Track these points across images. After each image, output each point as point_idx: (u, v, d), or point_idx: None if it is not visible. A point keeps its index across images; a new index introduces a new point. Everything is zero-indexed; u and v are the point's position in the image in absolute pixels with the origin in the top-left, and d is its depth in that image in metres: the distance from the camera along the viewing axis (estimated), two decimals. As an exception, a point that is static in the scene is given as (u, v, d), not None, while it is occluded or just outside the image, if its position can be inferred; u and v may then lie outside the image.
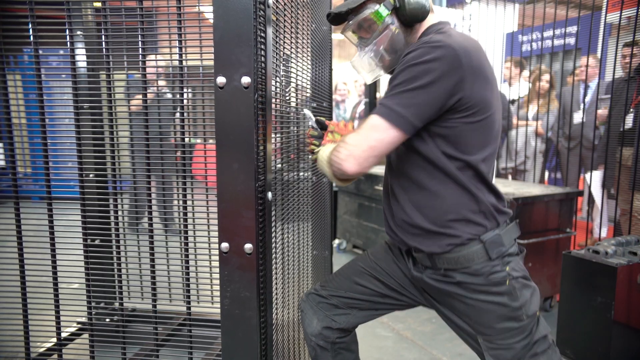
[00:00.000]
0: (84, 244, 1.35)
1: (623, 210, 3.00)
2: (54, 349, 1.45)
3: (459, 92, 1.00)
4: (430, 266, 1.16)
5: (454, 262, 1.10)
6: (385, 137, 1.01)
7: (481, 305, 1.10)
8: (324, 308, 1.30)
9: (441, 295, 1.17)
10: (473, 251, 1.09)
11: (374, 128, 1.01)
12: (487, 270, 1.09)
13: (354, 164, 1.02)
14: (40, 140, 1.28)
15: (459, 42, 1.01)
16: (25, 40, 1.22)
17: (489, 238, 1.09)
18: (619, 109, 2.79)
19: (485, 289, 1.09)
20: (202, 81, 1.40)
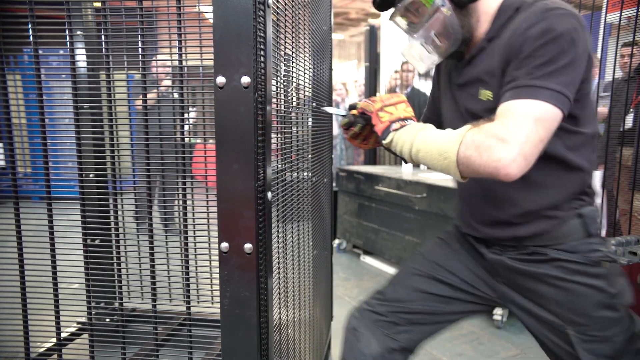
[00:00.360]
0: (84, 244, 1.34)
1: (623, 210, 3.00)
2: (54, 349, 1.45)
3: (590, 61, 0.93)
4: (513, 245, 1.04)
5: (547, 238, 0.99)
6: (553, 124, 0.87)
7: (576, 288, 0.98)
8: (383, 326, 1.15)
9: (525, 279, 1.03)
10: (571, 225, 0.99)
11: (542, 118, 0.85)
12: (585, 247, 0.98)
13: (524, 166, 0.84)
14: (40, 140, 1.28)
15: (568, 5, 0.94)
16: (25, 40, 1.22)
17: (588, 212, 0.99)
18: (619, 109, 2.79)
19: (583, 268, 0.98)
20: (202, 81, 1.40)
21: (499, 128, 0.84)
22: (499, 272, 1.09)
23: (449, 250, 1.18)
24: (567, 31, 0.87)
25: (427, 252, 1.22)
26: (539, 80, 0.87)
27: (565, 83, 0.87)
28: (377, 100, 1.05)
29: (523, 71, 0.89)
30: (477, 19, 1.04)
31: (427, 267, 1.18)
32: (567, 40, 0.87)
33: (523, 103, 0.86)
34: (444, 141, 0.90)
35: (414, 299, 1.15)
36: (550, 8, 0.91)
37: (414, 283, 1.17)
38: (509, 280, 1.07)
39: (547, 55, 0.88)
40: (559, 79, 0.87)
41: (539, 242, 1.00)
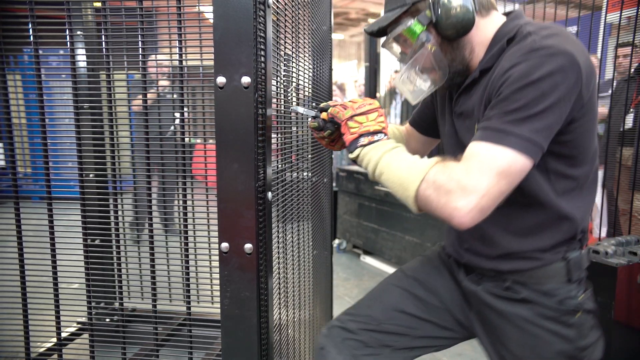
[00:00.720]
0: (84, 244, 1.35)
1: (623, 210, 3.00)
2: (54, 349, 1.45)
3: (581, 99, 0.86)
4: (492, 276, 1.01)
5: (527, 276, 0.96)
6: (519, 177, 0.83)
7: (542, 335, 0.95)
8: (352, 346, 1.09)
9: (494, 316, 1.01)
10: (553, 268, 0.95)
11: (506, 170, 0.81)
12: (562, 293, 0.95)
13: (478, 218, 0.81)
14: (40, 140, 1.28)
15: (567, 39, 0.87)
16: (25, 40, 1.22)
17: (574, 257, 0.96)
18: (619, 109, 2.79)
19: (553, 315, 0.95)
20: (202, 81, 1.40)
21: (462, 173, 0.82)
22: (471, 302, 1.07)
23: (432, 269, 1.15)
24: (549, 74, 0.82)
25: (409, 268, 1.19)
26: (509, 125, 0.82)
27: (537, 129, 0.82)
28: (348, 107, 1.00)
29: (496, 112, 0.85)
30: (472, 50, 0.99)
31: (407, 283, 1.14)
32: (548, 83, 0.82)
33: (490, 149, 0.82)
34: (407, 173, 0.88)
35: (388, 318, 1.10)
36: (536, 48, 0.85)
37: (391, 299, 1.12)
38: (480, 312, 1.05)
39: (522, 100, 0.83)
40: (532, 125, 0.82)
41: (518, 278, 0.98)
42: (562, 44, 0.84)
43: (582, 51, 0.86)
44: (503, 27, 0.97)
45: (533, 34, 0.89)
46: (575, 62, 0.83)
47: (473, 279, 1.05)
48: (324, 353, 1.11)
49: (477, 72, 0.98)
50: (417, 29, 0.96)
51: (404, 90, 1.05)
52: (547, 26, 0.92)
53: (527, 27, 0.93)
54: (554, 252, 0.97)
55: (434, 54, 0.97)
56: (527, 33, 0.91)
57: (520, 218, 0.96)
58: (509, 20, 0.98)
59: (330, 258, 2.21)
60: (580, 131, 0.90)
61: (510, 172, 0.82)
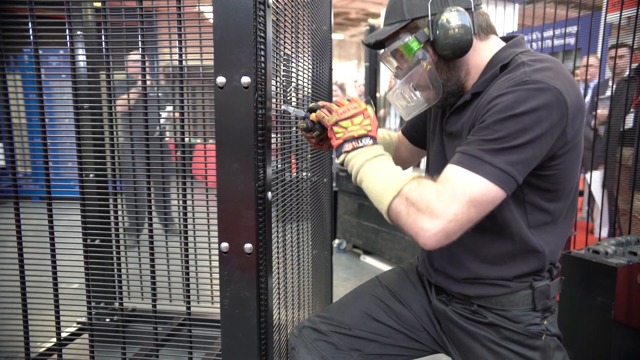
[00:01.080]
0: (84, 244, 1.35)
1: (623, 210, 3.00)
2: (54, 349, 1.45)
3: (564, 137, 0.86)
4: (460, 299, 1.04)
5: (494, 301, 0.99)
6: (490, 207, 0.84)
7: (509, 356, 0.97)
8: (321, 347, 1.10)
9: (463, 335, 1.03)
10: (520, 295, 0.98)
11: (477, 199, 0.81)
12: (527, 319, 0.98)
13: (443, 242, 0.83)
14: (40, 140, 1.28)
15: (559, 74, 0.86)
16: (25, 40, 1.22)
17: (540, 286, 0.98)
18: (619, 109, 2.79)
19: (519, 338, 0.97)
20: (202, 81, 1.40)
21: (434, 195, 0.82)
22: (441, 320, 1.09)
23: (407, 282, 1.16)
24: (533, 109, 0.82)
25: (385, 278, 1.19)
26: (486, 153, 0.83)
27: (513, 162, 0.82)
28: (334, 111, 1.00)
29: (476, 138, 0.85)
30: (467, 72, 0.99)
31: (381, 293, 1.15)
32: (531, 118, 0.81)
33: (464, 175, 0.83)
34: (384, 185, 0.89)
35: (360, 324, 1.11)
36: (525, 80, 0.84)
37: (364, 307, 1.13)
38: (449, 330, 1.07)
39: (502, 131, 0.82)
40: (508, 157, 0.82)
41: (484, 303, 1.00)
42: (553, 79, 0.84)
43: (573, 88, 0.86)
44: (500, 53, 0.97)
45: (526, 64, 0.89)
46: (563, 100, 0.83)
47: (442, 299, 1.08)
48: (294, 353, 1.12)
49: (469, 95, 0.98)
50: (414, 45, 0.96)
51: (397, 105, 1.05)
52: (543, 59, 0.92)
53: (523, 57, 0.93)
54: (519, 281, 0.98)
55: (429, 73, 0.97)
56: (520, 63, 0.91)
57: (489, 245, 0.98)
58: (507, 47, 0.98)
59: (330, 258, 2.21)
60: (561, 167, 0.91)
61: (481, 201, 0.82)
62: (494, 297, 0.99)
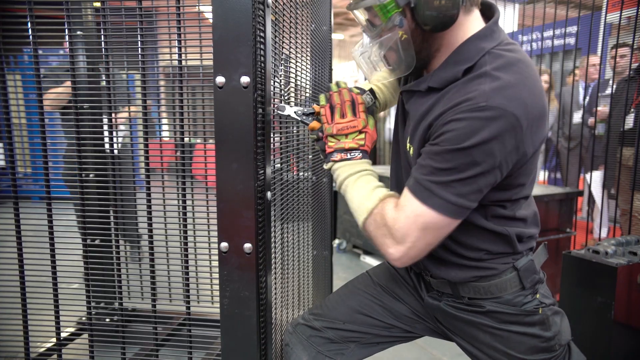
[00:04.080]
0: (84, 244, 1.35)
1: (623, 210, 3.00)
2: (54, 349, 1.45)
3: (524, 157, 0.85)
4: (450, 294, 1.03)
5: (483, 291, 0.99)
6: (445, 231, 0.87)
7: (511, 337, 0.98)
8: (316, 343, 1.11)
9: (462, 325, 1.03)
10: (506, 279, 0.98)
11: (430, 227, 0.85)
12: (519, 300, 0.98)
13: (410, 261, 0.89)
14: (40, 140, 1.28)
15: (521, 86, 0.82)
16: (25, 40, 1.22)
17: (524, 265, 0.98)
18: (619, 109, 2.79)
19: (517, 319, 0.98)
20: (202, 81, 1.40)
21: (393, 222, 0.87)
22: (437, 316, 1.09)
23: (398, 277, 1.15)
24: (486, 140, 0.78)
25: (376, 274, 1.19)
26: (437, 186, 0.82)
27: (464, 194, 0.82)
28: (332, 124, 0.99)
29: (429, 163, 0.84)
30: (438, 49, 0.91)
31: (373, 290, 1.15)
32: (483, 151, 0.78)
33: (416, 206, 0.85)
34: (358, 204, 0.94)
35: (353, 320, 1.12)
36: (481, 107, 0.78)
37: (356, 304, 1.13)
38: (448, 323, 1.07)
39: (453, 162, 0.80)
40: (459, 189, 0.82)
41: (474, 295, 1.00)
42: (512, 100, 0.79)
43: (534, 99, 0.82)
44: (469, 45, 0.88)
45: (488, 76, 0.83)
46: (518, 126, 0.79)
47: (433, 296, 1.07)
48: (288, 350, 1.14)
49: (425, 85, 0.92)
50: (391, 8, 0.86)
51: (361, 65, 0.99)
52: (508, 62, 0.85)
53: (488, 61, 0.85)
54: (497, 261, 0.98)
55: (403, 43, 0.89)
56: (483, 73, 0.84)
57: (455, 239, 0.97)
58: (478, 39, 0.88)
59: (330, 258, 2.21)
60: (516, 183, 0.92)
61: (434, 228, 0.86)
62: (480, 286, 0.98)
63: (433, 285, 1.07)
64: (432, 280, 1.06)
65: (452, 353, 2.24)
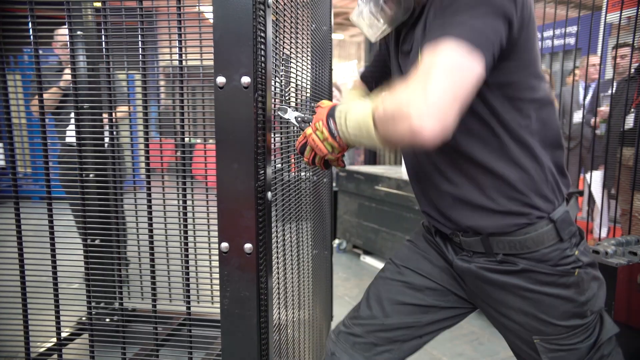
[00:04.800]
0: (84, 244, 1.35)
1: (623, 210, 3.00)
2: (54, 349, 1.45)
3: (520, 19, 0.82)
4: (483, 252, 0.97)
5: (519, 245, 0.93)
6: (469, 77, 0.73)
7: (544, 300, 0.94)
8: (362, 349, 1.09)
9: (492, 288, 0.99)
10: (543, 232, 0.92)
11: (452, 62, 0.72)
12: (556, 255, 0.92)
13: (438, 127, 0.69)
14: (40, 140, 1.28)
15: None
16: (25, 40, 1.22)
17: (560, 216, 0.92)
18: (619, 109, 2.79)
19: (552, 279, 0.93)
20: (202, 81, 1.40)
21: (407, 90, 0.73)
22: (465, 279, 1.04)
23: (419, 252, 1.12)
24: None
25: (398, 257, 1.16)
26: (448, 28, 0.75)
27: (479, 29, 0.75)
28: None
29: (434, 25, 0.80)
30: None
31: (399, 275, 1.12)
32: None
33: (431, 55, 0.74)
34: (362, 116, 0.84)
35: (390, 314, 1.09)
36: None
37: (388, 295, 1.11)
38: (477, 287, 1.03)
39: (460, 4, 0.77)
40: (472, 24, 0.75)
41: (509, 250, 0.94)
42: None
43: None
44: None
45: None
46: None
47: (464, 257, 1.02)
48: (335, 359, 1.12)
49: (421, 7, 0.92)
50: None
51: (362, 26, 0.98)
52: None
53: None
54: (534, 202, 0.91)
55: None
56: None
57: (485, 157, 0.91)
58: None
59: (330, 258, 2.21)
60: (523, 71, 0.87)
61: (457, 66, 0.72)
62: (516, 240, 0.93)
63: (464, 246, 1.00)
64: (463, 239, 0.99)
65: (452, 353, 2.24)
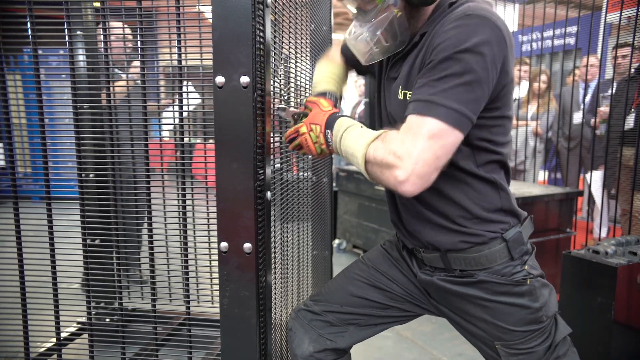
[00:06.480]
0: (84, 244, 1.35)
1: (623, 210, 3.00)
2: (54, 349, 1.45)
3: (504, 76, 0.90)
4: (442, 268, 1.06)
5: (473, 262, 1.01)
6: (450, 143, 0.84)
7: (501, 308, 1.01)
8: (317, 326, 1.16)
9: (454, 299, 1.06)
10: (495, 250, 1.00)
11: (437, 135, 0.82)
12: (508, 270, 1.00)
13: (419, 184, 0.83)
14: (40, 141, 1.28)
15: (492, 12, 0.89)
16: (25, 40, 1.22)
17: (512, 236, 1.00)
18: (619, 109, 2.79)
19: (507, 289, 1.00)
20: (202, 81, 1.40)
21: (397, 145, 0.84)
22: (430, 291, 1.12)
23: (391, 258, 1.19)
24: (477, 44, 0.83)
25: (369, 258, 1.23)
26: (437, 96, 0.84)
27: (464, 101, 0.84)
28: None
29: (426, 81, 0.87)
30: (423, 18, 0.99)
31: (368, 274, 1.19)
32: (475, 55, 0.83)
33: (419, 120, 0.84)
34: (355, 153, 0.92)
35: (351, 304, 1.16)
36: (467, 15, 0.87)
37: (353, 288, 1.18)
38: (441, 298, 1.10)
39: (450, 69, 0.84)
40: (459, 96, 0.83)
41: (465, 267, 1.02)
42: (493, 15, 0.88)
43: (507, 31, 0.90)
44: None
45: (471, 1, 0.92)
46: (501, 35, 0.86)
47: (426, 272, 1.09)
48: (291, 334, 1.19)
49: (418, 36, 0.98)
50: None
51: (356, 50, 1.04)
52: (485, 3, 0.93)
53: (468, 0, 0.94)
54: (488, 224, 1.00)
55: (399, 19, 0.95)
56: (465, 1, 0.93)
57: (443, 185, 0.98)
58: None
59: (330, 258, 2.21)
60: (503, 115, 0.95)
61: (440, 137, 0.83)
62: (471, 257, 1.01)
63: (425, 261, 1.09)
64: (424, 255, 1.08)
65: (451, 353, 2.24)
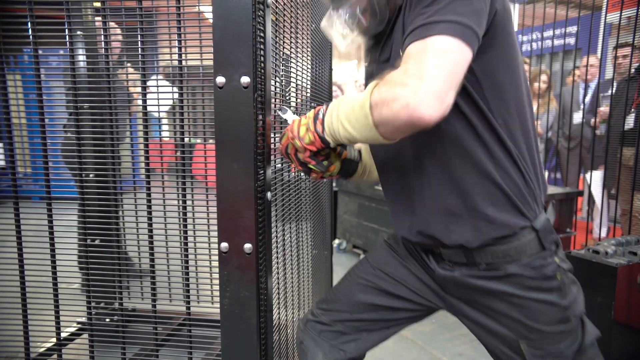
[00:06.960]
0: (84, 244, 1.34)
1: (623, 210, 3.00)
2: (54, 349, 1.45)
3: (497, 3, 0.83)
4: (465, 263, 0.97)
5: (501, 255, 0.92)
6: (459, 57, 0.75)
7: (530, 305, 0.93)
8: (329, 337, 1.11)
9: (478, 294, 0.98)
10: (526, 242, 0.92)
11: (443, 50, 0.74)
12: (538, 262, 0.92)
13: (437, 105, 0.71)
14: (40, 141, 1.28)
15: None
16: (25, 40, 1.22)
17: (542, 225, 0.92)
18: (619, 109, 2.80)
19: (537, 284, 0.92)
20: (202, 81, 1.40)
21: (400, 74, 0.75)
22: (449, 288, 1.03)
23: (397, 258, 1.11)
24: None
25: (374, 258, 1.15)
26: (433, 17, 0.76)
27: (464, 13, 0.76)
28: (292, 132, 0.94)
29: (416, 15, 0.80)
30: None
31: (373, 276, 1.12)
32: None
33: (420, 44, 0.76)
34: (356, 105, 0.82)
35: (359, 311, 1.11)
36: None
37: (360, 295, 1.11)
38: (462, 294, 1.02)
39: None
40: (457, 10, 0.76)
41: (492, 260, 0.93)
42: None
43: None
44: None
45: None
46: None
47: (445, 267, 1.00)
48: (303, 347, 1.14)
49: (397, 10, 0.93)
50: None
51: (333, 34, 0.98)
52: None
53: None
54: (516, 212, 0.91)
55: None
56: None
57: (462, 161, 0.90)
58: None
59: (330, 258, 2.21)
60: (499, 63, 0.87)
61: (448, 50, 0.74)
62: (499, 250, 0.92)
63: (445, 257, 1.00)
64: (443, 251, 0.99)
65: (452, 353, 2.24)
